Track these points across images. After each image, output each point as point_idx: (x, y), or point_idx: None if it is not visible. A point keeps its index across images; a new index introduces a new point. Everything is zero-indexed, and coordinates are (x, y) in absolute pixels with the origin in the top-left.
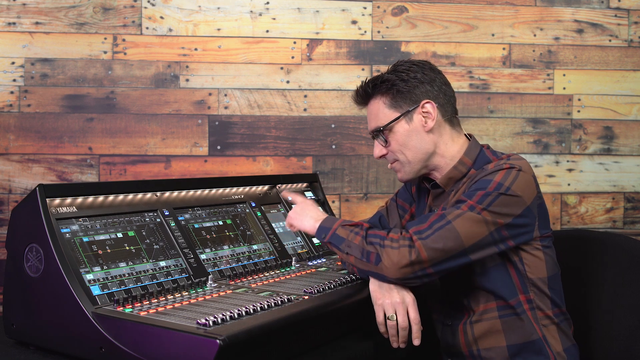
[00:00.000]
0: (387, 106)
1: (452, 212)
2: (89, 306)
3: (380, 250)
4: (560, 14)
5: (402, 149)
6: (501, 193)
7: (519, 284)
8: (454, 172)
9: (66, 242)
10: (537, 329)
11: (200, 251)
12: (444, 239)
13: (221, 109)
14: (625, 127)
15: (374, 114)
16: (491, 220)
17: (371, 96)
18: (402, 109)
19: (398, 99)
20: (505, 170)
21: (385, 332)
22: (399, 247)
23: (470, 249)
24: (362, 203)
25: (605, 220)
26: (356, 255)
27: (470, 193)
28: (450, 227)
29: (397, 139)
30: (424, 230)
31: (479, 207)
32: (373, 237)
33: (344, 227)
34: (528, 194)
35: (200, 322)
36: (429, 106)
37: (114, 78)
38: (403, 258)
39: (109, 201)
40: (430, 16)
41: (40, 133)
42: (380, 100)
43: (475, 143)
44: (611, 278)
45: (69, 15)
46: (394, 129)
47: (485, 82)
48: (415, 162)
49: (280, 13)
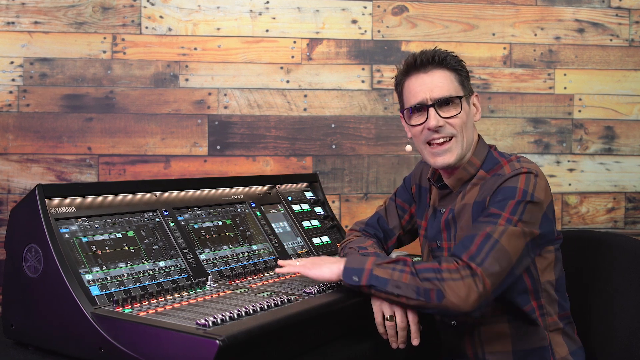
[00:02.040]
0: (457, 82)
1: (496, 230)
2: (88, 306)
3: (440, 285)
4: (561, 14)
5: (463, 127)
6: (528, 201)
7: (532, 291)
8: (463, 173)
9: (65, 242)
10: (546, 335)
11: (200, 251)
12: (498, 260)
13: (221, 108)
14: (627, 127)
15: (444, 83)
16: (528, 231)
17: (442, 66)
18: (467, 89)
19: (464, 80)
20: (525, 175)
21: (384, 333)
22: (462, 279)
23: (516, 265)
24: (362, 203)
25: (607, 220)
26: (409, 295)
27: (501, 204)
28: (500, 247)
29: (462, 116)
30: (476, 254)
31: (515, 219)
32: (426, 272)
33: (380, 266)
34: (546, 199)
35: (199, 323)
36: (476, 99)
37: (113, 78)
38: (472, 291)
39: (108, 201)
40: (430, 16)
41: (39, 133)
42: (452, 74)
43: (483, 143)
44: (612, 278)
45: (68, 15)
46: (463, 104)
47: (485, 81)
48: (467, 145)
49: (280, 12)
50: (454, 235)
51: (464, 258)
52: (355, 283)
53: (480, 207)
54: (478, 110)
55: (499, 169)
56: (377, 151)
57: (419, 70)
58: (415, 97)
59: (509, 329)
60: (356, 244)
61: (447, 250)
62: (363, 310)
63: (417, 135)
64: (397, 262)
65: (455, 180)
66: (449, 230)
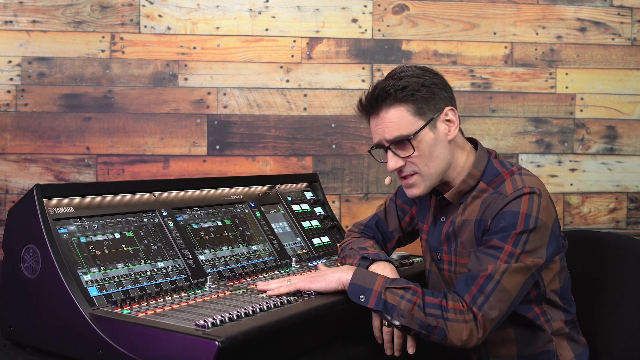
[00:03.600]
0: (411, 114)
1: (497, 269)
2: (86, 307)
3: (444, 324)
4: (562, 12)
5: (426, 161)
6: (532, 229)
7: (536, 300)
8: (463, 186)
9: (63, 242)
10: (551, 340)
11: (199, 252)
12: (499, 302)
13: (220, 108)
14: (629, 127)
15: (393, 123)
16: (531, 264)
17: (389, 104)
18: (427, 116)
19: (422, 105)
20: (528, 197)
21: (379, 337)
22: (465, 322)
23: (517, 298)
24: (363, 203)
25: (609, 220)
26: (413, 327)
27: (503, 235)
28: (501, 288)
29: (423, 149)
30: (477, 296)
31: (517, 252)
32: (433, 308)
33: (389, 290)
34: (550, 218)
35: (198, 324)
36: (452, 113)
37: (112, 77)
38: (472, 335)
39: (107, 201)
40: (431, 14)
41: (37, 132)
42: (402, 108)
43: (482, 152)
44: (614, 279)
45: (66, 14)
46: (419, 138)
47: (487, 81)
48: (436, 175)
49: (280, 11)
50: (455, 249)
51: (467, 300)
52: (361, 303)
53: (482, 227)
54: (454, 124)
55: (500, 182)
56: None
57: (370, 113)
58: (374, 138)
59: (514, 334)
60: (356, 244)
61: (449, 264)
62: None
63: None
64: (407, 289)
65: (454, 193)
66: (449, 243)
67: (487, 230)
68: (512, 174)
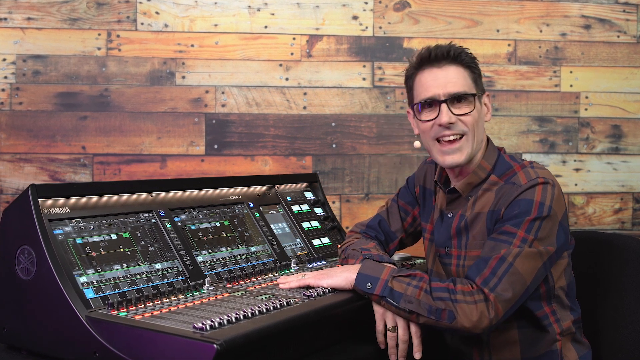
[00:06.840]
0: (471, 80)
1: (510, 252)
2: (82, 310)
3: (453, 306)
4: (567, 9)
5: (475, 126)
6: (545, 216)
7: (545, 297)
8: (473, 177)
9: (59, 243)
10: (556, 341)
11: (197, 253)
12: (512, 284)
13: (218, 107)
14: (634, 126)
15: (457, 79)
16: (544, 250)
17: (457, 63)
18: (479, 89)
19: (477, 78)
20: (542, 187)
21: (382, 342)
22: (475, 303)
23: (531, 285)
24: (363, 203)
25: (614, 221)
26: (421, 312)
27: (517, 221)
28: (514, 271)
29: (474, 114)
30: (490, 278)
31: (530, 238)
32: (440, 291)
33: (396, 278)
34: (561, 209)
35: (196, 326)
36: (488, 99)
37: (108, 75)
38: (483, 317)
39: (103, 202)
40: (433, 11)
41: (32, 132)
42: (466, 72)
43: (492, 146)
44: (619, 280)
45: (61, 11)
46: (475, 102)
47: (490, 79)
48: (477, 144)
49: (279, 8)
50: (466, 243)
51: (478, 282)
52: (367, 290)
53: (495, 217)
54: (489, 110)
55: (511, 175)
56: (378, 150)
57: (432, 65)
58: (427, 92)
59: (518, 336)
60: (358, 245)
61: (457, 258)
62: (364, 314)
63: (427, 132)
64: (413, 276)
65: (464, 184)
66: (459, 237)
67: (500, 219)
68: (524, 167)
